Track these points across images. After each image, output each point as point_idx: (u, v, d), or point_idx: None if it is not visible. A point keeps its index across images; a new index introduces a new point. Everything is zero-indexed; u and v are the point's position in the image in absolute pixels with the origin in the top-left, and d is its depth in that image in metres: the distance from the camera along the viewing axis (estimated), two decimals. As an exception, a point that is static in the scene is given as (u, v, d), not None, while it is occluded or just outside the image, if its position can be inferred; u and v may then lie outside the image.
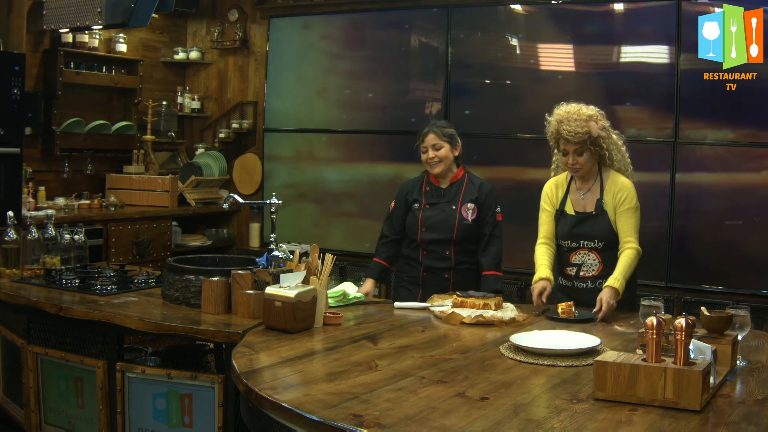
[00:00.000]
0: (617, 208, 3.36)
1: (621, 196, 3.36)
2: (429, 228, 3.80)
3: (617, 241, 3.37)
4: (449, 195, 3.83)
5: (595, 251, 3.41)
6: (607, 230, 3.38)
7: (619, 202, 3.36)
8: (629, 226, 3.34)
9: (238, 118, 6.57)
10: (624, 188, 3.38)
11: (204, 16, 6.69)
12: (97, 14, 4.90)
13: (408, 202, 3.89)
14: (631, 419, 1.88)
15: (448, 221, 3.78)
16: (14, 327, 3.43)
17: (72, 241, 3.75)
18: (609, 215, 3.38)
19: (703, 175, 4.86)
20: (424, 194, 3.86)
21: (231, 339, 2.72)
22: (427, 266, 3.82)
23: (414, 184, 3.94)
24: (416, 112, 5.74)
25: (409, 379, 2.20)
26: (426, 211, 3.82)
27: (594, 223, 3.40)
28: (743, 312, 2.44)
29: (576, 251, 3.44)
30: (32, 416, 3.30)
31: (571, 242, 3.45)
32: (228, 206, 3.92)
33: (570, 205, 3.48)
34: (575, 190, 3.49)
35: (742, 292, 4.71)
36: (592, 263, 3.42)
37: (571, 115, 3.34)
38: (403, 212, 3.90)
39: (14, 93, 4.82)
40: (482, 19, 5.52)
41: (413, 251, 3.87)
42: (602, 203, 3.40)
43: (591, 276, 3.42)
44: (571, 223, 3.45)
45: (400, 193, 3.95)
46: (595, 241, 3.41)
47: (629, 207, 3.35)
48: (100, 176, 6.05)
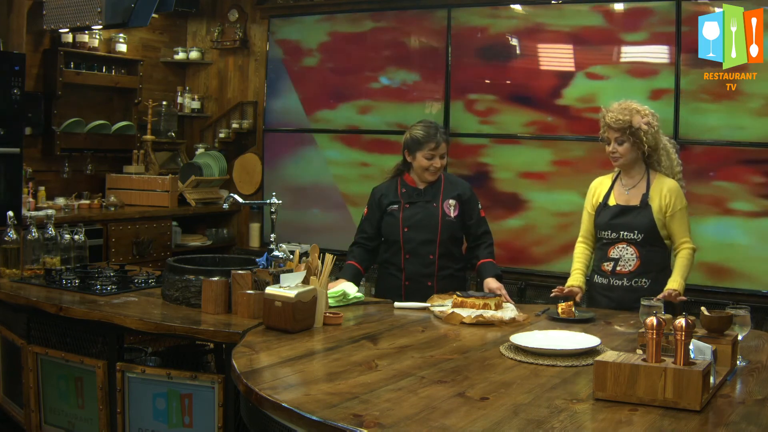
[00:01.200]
0: (668, 210, 3.41)
1: (670, 198, 3.41)
2: (411, 227, 3.65)
3: (657, 238, 3.43)
4: (429, 194, 3.69)
5: (634, 245, 3.44)
6: (648, 223, 3.42)
7: (669, 204, 3.41)
8: (683, 226, 3.43)
9: (238, 118, 6.57)
10: (672, 190, 3.43)
11: (204, 16, 6.69)
12: (97, 14, 4.89)
13: (382, 205, 3.72)
14: (631, 419, 1.88)
15: (430, 219, 3.64)
16: (14, 327, 3.43)
17: (72, 241, 3.75)
18: (653, 211, 3.41)
19: (703, 175, 4.86)
20: (401, 195, 3.70)
21: (231, 339, 2.72)
22: (410, 273, 3.66)
23: (388, 187, 3.76)
24: (416, 112, 5.74)
25: (409, 379, 2.20)
26: (406, 210, 3.67)
27: (637, 214, 3.44)
28: (743, 312, 2.44)
29: (615, 244, 3.48)
30: (32, 416, 3.30)
31: (611, 233, 3.49)
32: (228, 206, 3.93)
33: (613, 198, 3.54)
34: (620, 185, 3.55)
35: (742, 292, 4.71)
36: (630, 258, 3.44)
37: (620, 105, 3.48)
38: (377, 216, 3.73)
39: (14, 93, 4.82)
40: (482, 19, 5.52)
41: (394, 256, 3.71)
42: (647, 198, 3.44)
43: (627, 272, 3.45)
44: (613, 213, 3.50)
45: (373, 197, 3.77)
46: (635, 233, 3.43)
47: (681, 208, 3.42)
48: (100, 176, 6.05)
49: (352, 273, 3.65)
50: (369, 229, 3.76)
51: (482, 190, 4.91)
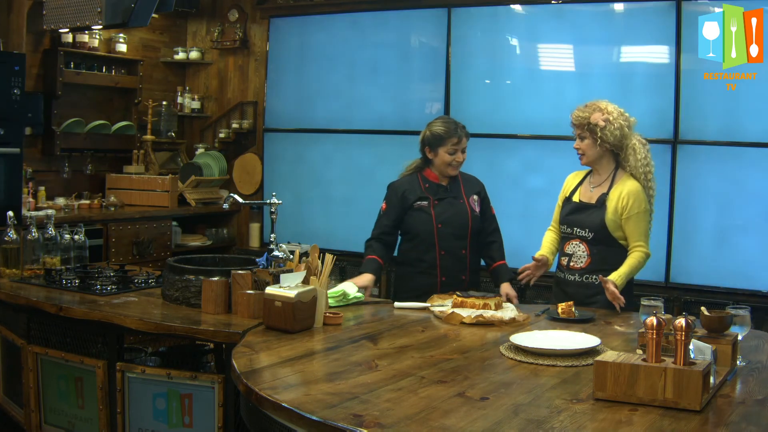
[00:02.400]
0: (623, 212, 3.39)
1: (627, 200, 3.39)
2: (444, 223, 3.69)
3: (609, 238, 3.42)
4: (453, 190, 3.76)
5: (585, 243, 3.46)
6: (599, 223, 3.42)
7: (626, 206, 3.39)
8: (638, 230, 3.40)
9: (238, 118, 6.57)
10: (631, 192, 3.40)
11: (204, 16, 6.69)
12: (97, 14, 4.90)
13: (407, 201, 3.72)
14: (631, 419, 1.88)
15: (460, 214, 3.72)
16: (14, 327, 3.43)
17: (72, 241, 3.75)
18: (608, 211, 3.41)
19: (703, 175, 4.86)
20: (426, 191, 3.73)
21: (231, 339, 2.72)
22: (445, 270, 3.68)
23: (410, 183, 3.77)
24: (416, 112, 5.74)
25: (409, 379, 2.20)
26: (436, 206, 3.71)
27: (590, 213, 3.46)
28: (743, 312, 2.44)
29: (569, 240, 3.52)
30: (32, 416, 3.30)
31: (566, 228, 3.54)
32: (228, 206, 3.92)
33: (578, 194, 3.56)
34: (588, 182, 3.57)
35: (742, 292, 4.71)
36: (581, 255, 3.47)
37: (588, 103, 3.51)
38: (398, 212, 3.73)
39: (14, 93, 4.82)
40: (482, 19, 5.52)
41: (426, 253, 3.71)
42: (605, 198, 3.43)
43: (579, 268, 3.47)
44: (570, 209, 3.54)
45: (394, 193, 3.76)
46: (586, 230, 3.46)
47: (638, 211, 3.39)
48: (100, 176, 6.05)
49: (374, 267, 3.66)
50: (388, 224, 3.75)
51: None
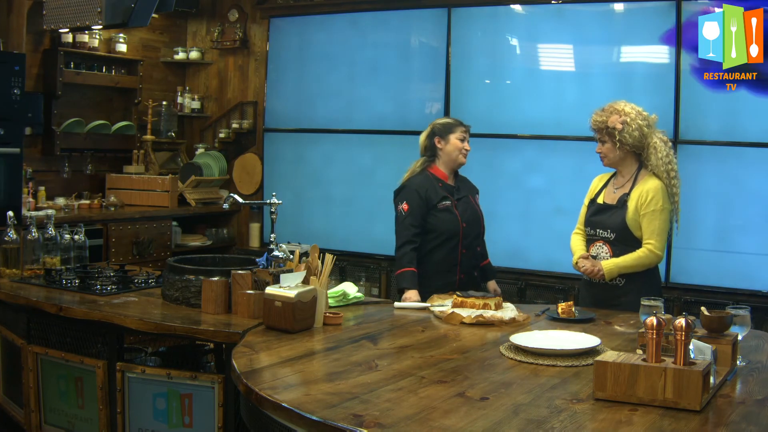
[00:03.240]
0: (641, 209, 3.39)
1: (646, 197, 3.39)
2: (468, 223, 3.75)
3: (631, 238, 3.42)
4: (461, 190, 3.81)
5: (608, 244, 3.45)
6: (620, 223, 3.42)
7: (644, 203, 3.39)
8: (650, 227, 3.39)
9: (238, 118, 6.57)
10: (650, 189, 3.40)
11: (204, 16, 6.69)
12: (97, 14, 4.89)
13: (431, 201, 3.68)
14: (631, 419, 1.88)
15: (476, 213, 3.81)
16: (14, 327, 3.43)
17: (72, 241, 3.75)
18: (629, 211, 3.41)
19: (704, 175, 4.86)
20: (444, 190, 3.74)
21: (231, 339, 2.72)
22: (464, 268, 3.73)
23: (427, 181, 3.73)
24: (416, 112, 5.74)
25: (409, 379, 2.20)
26: (458, 206, 3.75)
27: (612, 213, 3.46)
28: (743, 312, 2.44)
29: (594, 242, 3.51)
30: (32, 416, 3.30)
31: (590, 230, 3.55)
32: (228, 206, 3.92)
33: (603, 196, 3.56)
34: (612, 184, 3.57)
35: (742, 292, 4.71)
36: (605, 256, 3.46)
37: (606, 106, 3.50)
38: (423, 212, 3.68)
39: (14, 93, 4.83)
40: (482, 19, 5.52)
41: (450, 253, 3.70)
42: (627, 197, 3.44)
43: None
44: (594, 211, 3.55)
45: (416, 193, 3.69)
46: (608, 231, 3.46)
47: (654, 209, 3.38)
48: (100, 176, 6.05)
49: (416, 281, 3.62)
50: (415, 224, 3.68)
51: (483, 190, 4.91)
